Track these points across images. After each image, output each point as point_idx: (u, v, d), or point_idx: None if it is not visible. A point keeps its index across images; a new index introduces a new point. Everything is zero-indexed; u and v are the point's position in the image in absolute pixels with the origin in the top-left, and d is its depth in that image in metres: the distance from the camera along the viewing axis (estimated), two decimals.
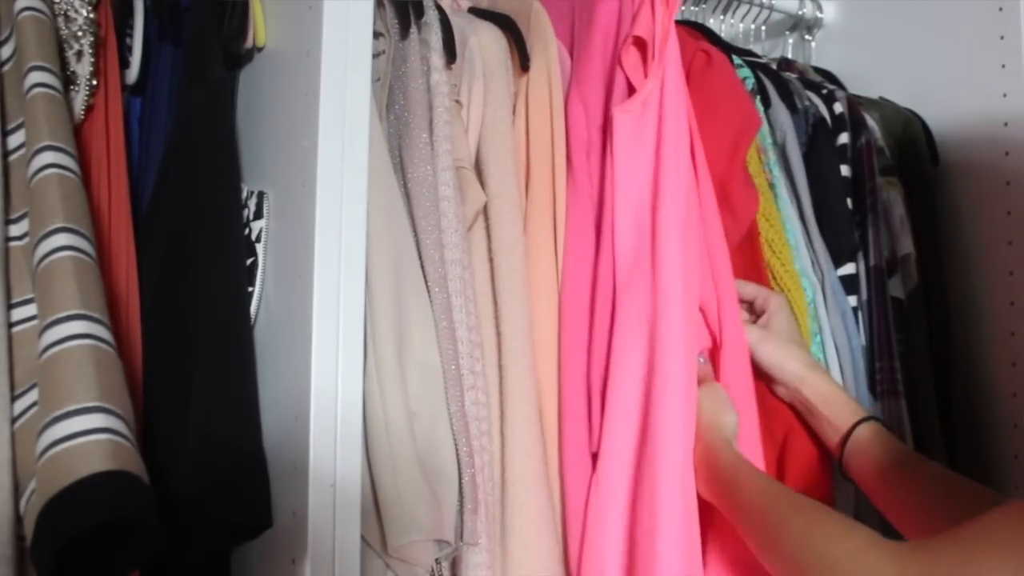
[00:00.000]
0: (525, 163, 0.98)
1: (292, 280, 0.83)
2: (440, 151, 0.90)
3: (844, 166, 1.18)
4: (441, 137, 0.90)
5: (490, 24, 1.00)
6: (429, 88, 0.92)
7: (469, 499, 0.83)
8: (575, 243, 0.95)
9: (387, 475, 0.80)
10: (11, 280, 0.77)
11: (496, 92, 0.96)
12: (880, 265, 1.15)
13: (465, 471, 0.84)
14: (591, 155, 0.97)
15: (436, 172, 0.89)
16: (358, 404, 0.80)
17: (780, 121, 1.13)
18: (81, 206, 0.77)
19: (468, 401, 0.86)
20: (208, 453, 0.81)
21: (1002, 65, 1.19)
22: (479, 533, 0.84)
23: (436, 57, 0.94)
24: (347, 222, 0.81)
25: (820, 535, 0.77)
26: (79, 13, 0.87)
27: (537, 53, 0.99)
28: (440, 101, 0.92)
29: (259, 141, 0.93)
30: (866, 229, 1.16)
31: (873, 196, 1.17)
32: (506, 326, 0.90)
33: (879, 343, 1.12)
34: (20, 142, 0.80)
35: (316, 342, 0.79)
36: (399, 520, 0.79)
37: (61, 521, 0.65)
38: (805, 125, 1.16)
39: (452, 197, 0.90)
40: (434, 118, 0.91)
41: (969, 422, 1.18)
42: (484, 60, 0.97)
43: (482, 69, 0.96)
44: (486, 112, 0.96)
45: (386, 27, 0.93)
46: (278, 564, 0.81)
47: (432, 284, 0.87)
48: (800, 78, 1.25)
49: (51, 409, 0.68)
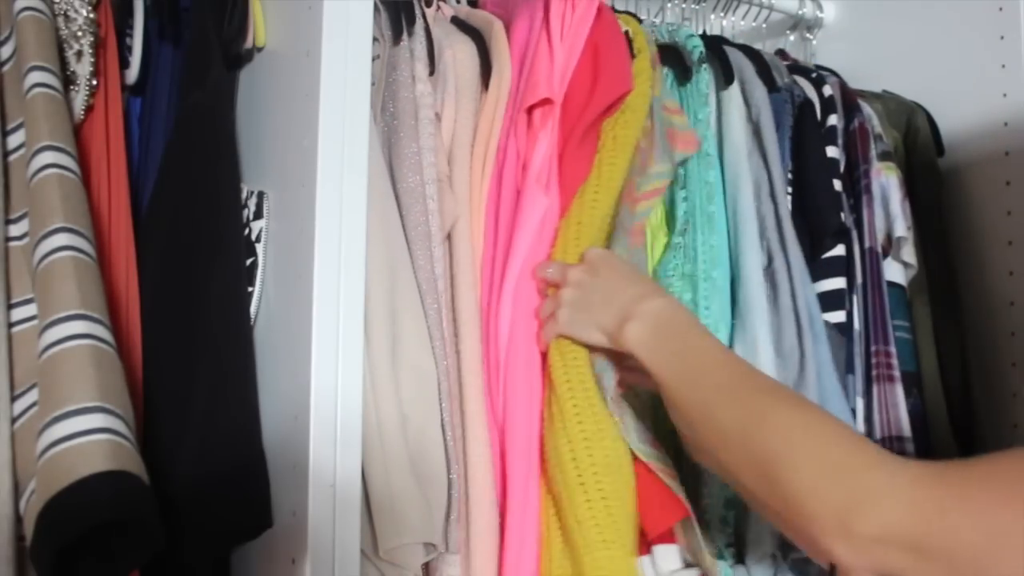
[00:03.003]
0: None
1: (292, 280, 0.83)
2: (426, 163, 0.90)
3: (833, 148, 1.15)
4: (427, 149, 0.91)
5: (466, 38, 0.99)
6: (415, 98, 0.92)
7: (453, 507, 0.84)
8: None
9: (379, 477, 0.80)
10: (11, 280, 0.77)
11: (465, 109, 0.96)
12: (875, 248, 1.13)
13: (452, 477, 0.84)
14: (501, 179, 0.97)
15: (424, 184, 0.90)
16: (358, 404, 0.80)
17: (756, 97, 1.11)
18: (81, 206, 0.77)
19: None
20: (208, 453, 0.81)
21: (1002, 65, 1.19)
22: (460, 543, 0.85)
23: (420, 67, 0.94)
24: (347, 222, 0.81)
25: (819, 440, 0.69)
26: (79, 13, 0.87)
27: (493, 74, 0.97)
28: (425, 113, 0.92)
29: (259, 141, 0.94)
30: (860, 211, 1.14)
31: (867, 178, 1.15)
32: (463, 345, 0.90)
33: (874, 327, 1.10)
34: (20, 142, 0.80)
35: (316, 342, 0.79)
36: (390, 522, 0.80)
37: (61, 521, 0.65)
38: (791, 107, 1.14)
39: (436, 210, 0.90)
40: (420, 130, 0.91)
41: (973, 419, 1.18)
42: (457, 75, 0.96)
43: (455, 84, 0.96)
44: (456, 128, 0.95)
45: (380, 32, 0.93)
46: (278, 564, 0.81)
47: (425, 293, 0.87)
48: (791, 64, 1.24)
49: (51, 409, 0.68)
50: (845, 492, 0.65)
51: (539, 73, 0.95)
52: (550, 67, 0.96)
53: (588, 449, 0.85)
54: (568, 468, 0.85)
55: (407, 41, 0.94)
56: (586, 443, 0.86)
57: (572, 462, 0.85)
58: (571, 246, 0.93)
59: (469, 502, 0.87)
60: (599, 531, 0.83)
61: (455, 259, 0.92)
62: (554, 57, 0.96)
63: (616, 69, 0.98)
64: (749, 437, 0.72)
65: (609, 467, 0.85)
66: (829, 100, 1.18)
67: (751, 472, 0.72)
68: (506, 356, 0.91)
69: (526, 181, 0.95)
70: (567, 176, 0.96)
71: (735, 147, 1.08)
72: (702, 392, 0.78)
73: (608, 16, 1.00)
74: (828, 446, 0.69)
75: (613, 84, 0.97)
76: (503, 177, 0.95)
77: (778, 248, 1.04)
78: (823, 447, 0.69)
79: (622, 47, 1.01)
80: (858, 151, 1.17)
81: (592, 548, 0.83)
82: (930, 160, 1.24)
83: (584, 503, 0.84)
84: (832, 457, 0.68)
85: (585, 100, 0.97)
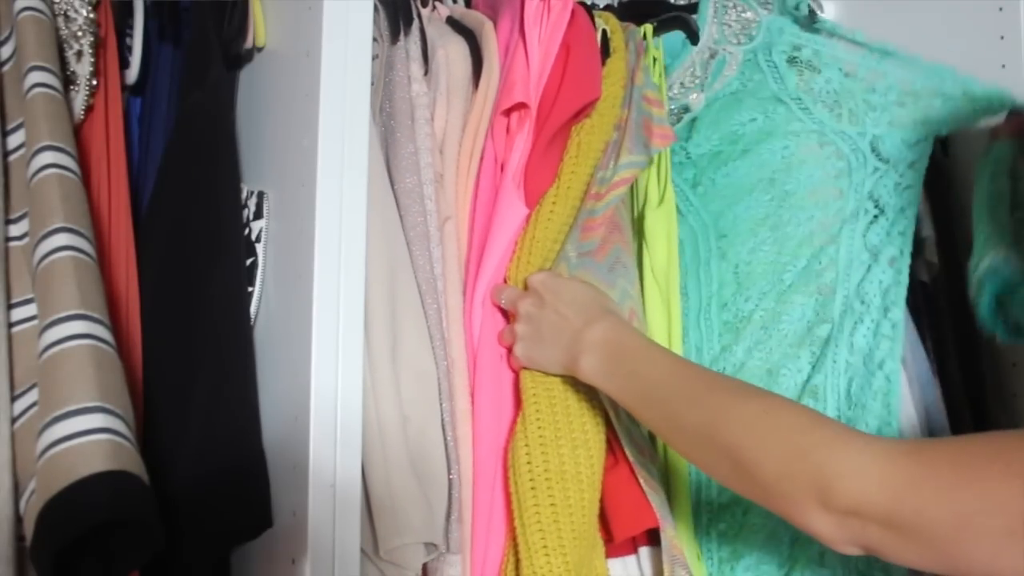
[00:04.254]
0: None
1: (292, 280, 0.83)
2: (423, 163, 0.90)
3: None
4: (423, 149, 0.91)
5: (459, 38, 0.98)
6: (411, 99, 0.92)
7: (454, 507, 0.84)
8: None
9: (380, 477, 0.80)
10: (11, 280, 0.77)
11: (456, 109, 0.95)
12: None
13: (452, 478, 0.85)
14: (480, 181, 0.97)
15: (421, 184, 0.90)
16: (358, 404, 0.80)
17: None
18: (81, 206, 0.77)
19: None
20: (208, 453, 0.81)
21: (1002, 65, 1.19)
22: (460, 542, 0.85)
23: (416, 67, 0.93)
24: (347, 222, 0.81)
25: (779, 423, 0.70)
26: (79, 13, 0.87)
27: (483, 74, 0.97)
28: (421, 113, 0.92)
29: (259, 141, 0.94)
30: None
31: None
32: (452, 348, 0.90)
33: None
34: (20, 142, 0.80)
35: (316, 342, 0.79)
36: (391, 522, 0.80)
37: (61, 521, 0.65)
38: None
39: (434, 211, 0.90)
40: (416, 130, 0.91)
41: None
42: (449, 74, 0.96)
43: (446, 84, 0.95)
44: (446, 128, 0.95)
45: (379, 32, 0.93)
46: (278, 564, 0.81)
47: (424, 294, 0.87)
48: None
49: (51, 409, 0.68)
50: (814, 469, 0.66)
51: (515, 76, 0.95)
52: (526, 70, 0.95)
53: (544, 455, 0.86)
54: (522, 472, 0.86)
55: (403, 41, 0.94)
56: (542, 448, 0.86)
57: (527, 466, 0.86)
58: (523, 263, 0.93)
59: (461, 502, 0.87)
60: (542, 536, 0.84)
61: (444, 260, 0.92)
62: (530, 60, 0.95)
63: (584, 75, 0.97)
64: (716, 433, 0.74)
65: (563, 475, 0.86)
66: None
67: (725, 465, 0.73)
68: (475, 359, 0.92)
69: (503, 184, 0.95)
70: (532, 183, 0.96)
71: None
72: (662, 405, 0.80)
73: (581, 19, 0.99)
74: (791, 429, 0.70)
75: (580, 91, 0.96)
76: (480, 179, 0.95)
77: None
78: (786, 430, 0.70)
79: (593, 51, 0.99)
80: None
81: (532, 552, 0.84)
82: (935, 161, 1.24)
83: (532, 507, 0.85)
84: (796, 439, 0.69)
85: (551, 106, 0.96)
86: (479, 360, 0.91)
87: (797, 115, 1.04)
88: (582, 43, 0.98)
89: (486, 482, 0.88)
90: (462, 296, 0.92)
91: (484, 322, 0.92)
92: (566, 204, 0.95)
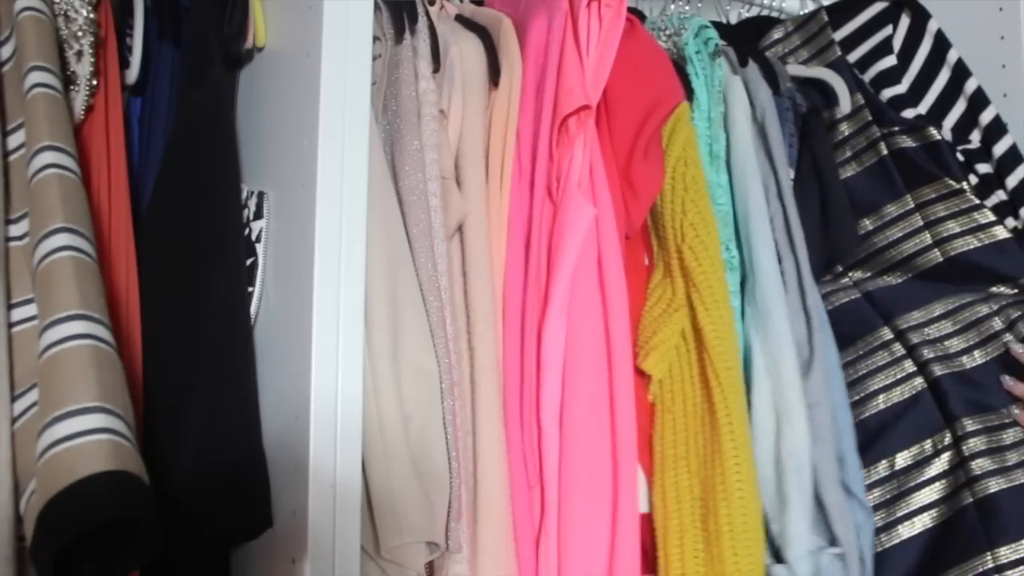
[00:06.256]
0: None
1: (292, 280, 0.83)
2: (428, 160, 0.90)
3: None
4: (429, 146, 0.91)
5: (472, 35, 0.99)
6: (417, 96, 0.92)
7: (455, 506, 0.84)
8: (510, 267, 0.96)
9: (381, 477, 0.80)
10: (11, 280, 0.77)
11: (473, 105, 0.96)
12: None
13: (453, 477, 0.84)
14: (522, 180, 0.98)
15: (426, 181, 0.89)
16: (358, 404, 0.80)
17: (760, 98, 1.12)
18: (81, 206, 0.77)
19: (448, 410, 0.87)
20: (208, 453, 0.81)
21: (1002, 65, 1.19)
22: (462, 541, 0.85)
23: (424, 65, 0.93)
24: (347, 222, 0.81)
25: None
26: (79, 13, 0.87)
27: (504, 71, 0.97)
28: (428, 110, 0.92)
29: (259, 141, 0.94)
30: None
31: None
32: (478, 341, 0.90)
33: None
34: (20, 142, 0.80)
35: (316, 342, 0.79)
36: (393, 522, 0.80)
37: (61, 521, 0.65)
38: (793, 114, 1.15)
39: (439, 207, 0.90)
40: (422, 127, 0.91)
41: None
42: (464, 71, 0.96)
43: (461, 80, 0.95)
44: (464, 125, 0.95)
45: (382, 31, 0.93)
46: (278, 564, 0.81)
47: (426, 292, 0.87)
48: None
49: (51, 409, 0.68)
50: None
51: (572, 80, 0.96)
52: (581, 74, 0.96)
53: (748, 461, 0.95)
54: (730, 475, 0.93)
55: (410, 39, 0.94)
56: (746, 455, 0.95)
57: (735, 467, 0.93)
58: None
59: (478, 500, 0.87)
60: (746, 534, 0.93)
61: (468, 257, 0.92)
62: (584, 65, 0.97)
63: (666, 81, 1.03)
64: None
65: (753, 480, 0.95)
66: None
67: None
68: (565, 361, 0.93)
69: (567, 189, 0.96)
70: (637, 183, 0.99)
71: (742, 146, 1.08)
72: None
73: (642, 32, 1.05)
74: None
75: (667, 95, 1.02)
76: (535, 182, 0.96)
77: (787, 249, 1.05)
78: None
79: (665, 59, 1.05)
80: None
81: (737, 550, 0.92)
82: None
83: (740, 511, 0.93)
84: None
85: (640, 112, 1.00)
86: (570, 365, 0.93)
87: None
88: (652, 52, 1.04)
89: (580, 480, 0.90)
90: (493, 294, 0.92)
91: (572, 329, 0.94)
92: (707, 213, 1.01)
